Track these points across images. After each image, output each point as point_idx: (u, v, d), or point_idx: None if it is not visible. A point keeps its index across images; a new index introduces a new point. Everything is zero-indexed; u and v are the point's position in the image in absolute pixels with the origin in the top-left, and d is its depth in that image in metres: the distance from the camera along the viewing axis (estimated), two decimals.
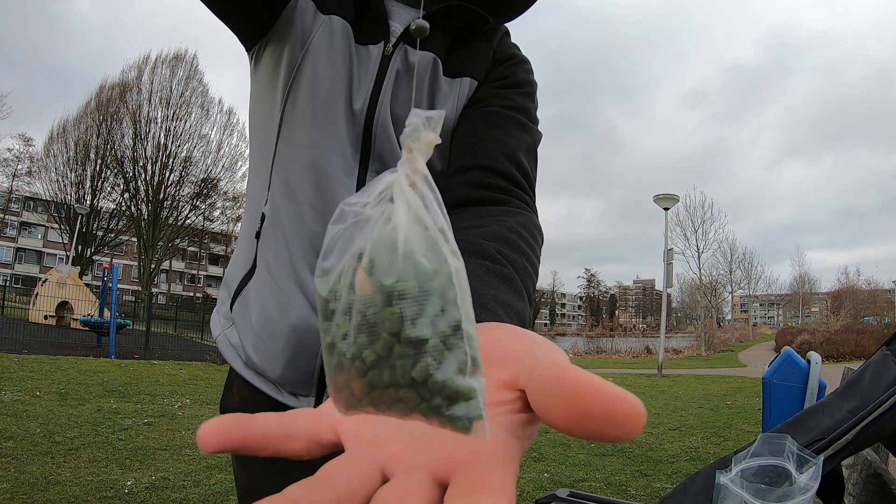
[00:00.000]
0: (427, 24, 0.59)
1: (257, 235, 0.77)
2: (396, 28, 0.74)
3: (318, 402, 0.77)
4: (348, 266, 0.24)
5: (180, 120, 32.39)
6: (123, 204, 32.71)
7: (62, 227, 33.10)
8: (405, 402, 0.22)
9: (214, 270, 56.47)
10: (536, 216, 0.65)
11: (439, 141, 0.24)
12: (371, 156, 0.73)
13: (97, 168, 32.23)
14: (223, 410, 0.87)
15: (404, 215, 0.22)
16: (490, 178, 0.65)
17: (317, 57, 0.72)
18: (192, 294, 51.01)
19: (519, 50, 0.81)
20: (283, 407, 0.79)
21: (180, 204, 33.76)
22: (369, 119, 0.72)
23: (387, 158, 0.73)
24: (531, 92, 0.76)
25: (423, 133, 0.23)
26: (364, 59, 0.73)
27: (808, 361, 1.29)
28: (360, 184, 0.71)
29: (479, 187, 0.64)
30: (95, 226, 33.31)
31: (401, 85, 0.73)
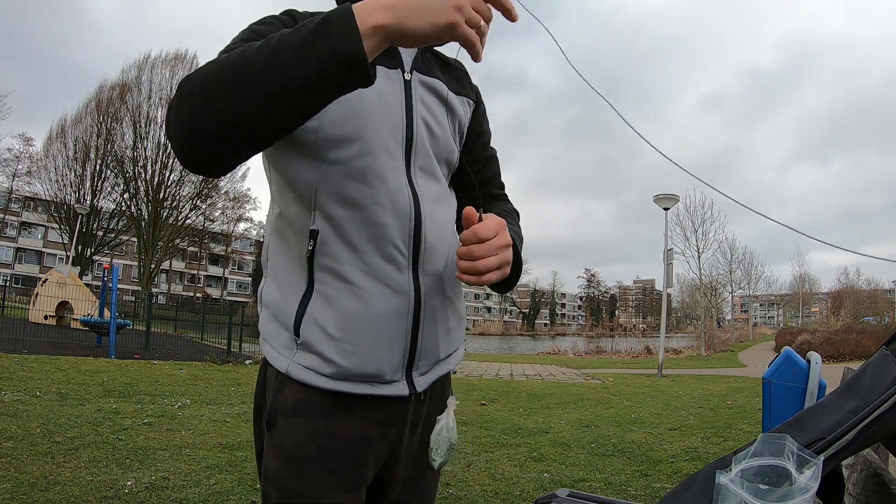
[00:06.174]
0: None
1: (310, 256, 0.83)
2: (406, 59, 0.90)
3: (408, 384, 0.87)
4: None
5: None
6: (123, 204, 32.72)
7: (62, 227, 33.11)
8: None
9: (214, 270, 56.45)
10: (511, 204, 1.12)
11: (453, 433, 0.90)
12: (413, 149, 0.88)
13: (97, 168, 32.25)
14: (272, 415, 0.85)
15: (446, 425, 0.89)
16: (494, 195, 1.10)
17: None
18: (192, 294, 51.01)
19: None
20: (349, 398, 0.85)
21: (180, 204, 33.76)
22: (409, 123, 0.87)
23: (422, 149, 0.91)
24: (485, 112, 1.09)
25: (451, 411, 0.91)
26: (381, 73, 0.85)
27: (808, 361, 1.29)
28: (407, 166, 0.87)
29: (491, 197, 1.10)
30: (95, 226, 33.32)
31: (428, 99, 0.91)
